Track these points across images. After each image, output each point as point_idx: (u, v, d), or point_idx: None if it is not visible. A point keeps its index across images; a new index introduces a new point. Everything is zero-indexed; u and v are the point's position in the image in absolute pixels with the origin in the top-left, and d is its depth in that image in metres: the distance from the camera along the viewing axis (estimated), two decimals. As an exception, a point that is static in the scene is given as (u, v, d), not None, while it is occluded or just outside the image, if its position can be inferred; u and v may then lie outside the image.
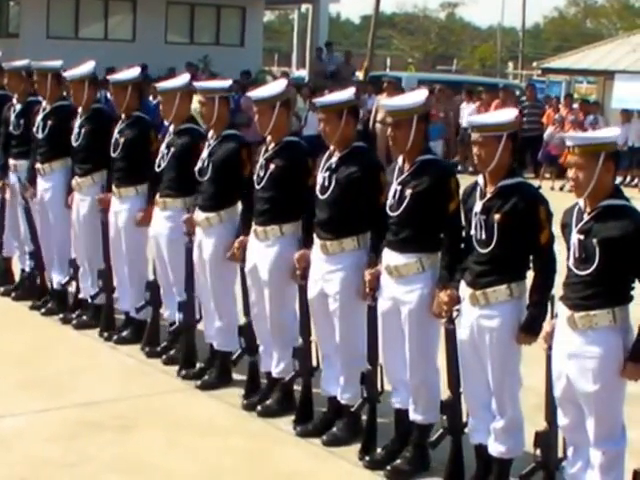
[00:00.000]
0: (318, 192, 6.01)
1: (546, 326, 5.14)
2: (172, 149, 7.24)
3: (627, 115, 20.65)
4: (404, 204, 5.58)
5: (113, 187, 7.84)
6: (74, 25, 27.62)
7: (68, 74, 8.15)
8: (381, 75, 24.67)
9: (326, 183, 5.97)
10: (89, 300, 8.20)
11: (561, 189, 18.41)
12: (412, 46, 59.52)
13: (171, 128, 7.39)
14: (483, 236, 5.23)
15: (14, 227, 9.06)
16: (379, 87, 20.69)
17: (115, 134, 7.77)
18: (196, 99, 7.22)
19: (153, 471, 5.68)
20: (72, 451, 5.86)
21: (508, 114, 5.39)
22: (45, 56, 9.86)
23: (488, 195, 5.26)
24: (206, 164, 6.84)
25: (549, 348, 5.08)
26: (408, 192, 5.57)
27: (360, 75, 26.69)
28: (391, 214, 5.64)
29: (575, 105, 21.91)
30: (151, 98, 17.41)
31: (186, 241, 7.04)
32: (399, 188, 5.63)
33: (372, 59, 28.51)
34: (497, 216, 5.17)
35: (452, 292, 5.42)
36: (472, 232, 5.31)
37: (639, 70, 22.39)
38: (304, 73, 28.42)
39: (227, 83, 7.21)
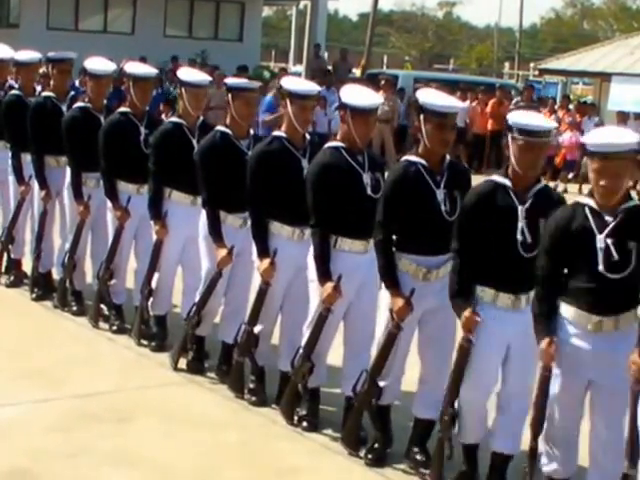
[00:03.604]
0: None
1: (547, 347, 4.88)
2: None
3: (623, 117, 20.69)
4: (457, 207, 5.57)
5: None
6: (74, 17, 27.70)
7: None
8: (378, 73, 24.70)
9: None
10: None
11: (554, 190, 18.43)
12: (409, 44, 59.57)
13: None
14: (530, 240, 5.14)
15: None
16: (376, 85, 20.70)
17: (144, 133, 7.69)
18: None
19: (150, 464, 5.68)
20: (70, 442, 5.87)
21: (553, 121, 5.38)
22: (45, 47, 9.89)
23: (529, 200, 5.17)
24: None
25: (548, 370, 4.93)
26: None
27: (357, 72, 26.75)
28: (448, 218, 5.56)
29: (571, 106, 21.97)
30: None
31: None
32: (445, 191, 5.58)
33: (369, 57, 28.55)
34: (543, 220, 5.03)
35: (472, 315, 5.25)
36: (517, 237, 5.14)
37: (636, 72, 22.44)
38: (301, 69, 28.42)
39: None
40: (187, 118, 7.41)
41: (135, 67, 8.15)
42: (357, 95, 6.04)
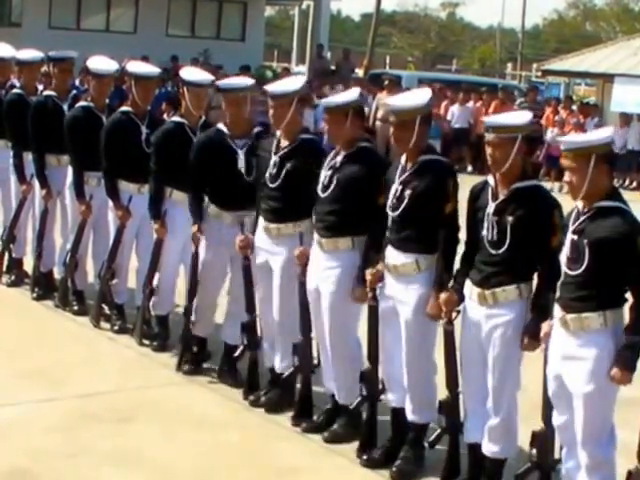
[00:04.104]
0: (320, 190, 6.02)
1: (545, 327, 5.13)
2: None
3: (626, 118, 20.68)
4: (403, 204, 5.57)
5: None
6: (76, 16, 27.70)
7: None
8: (381, 73, 24.68)
9: (326, 182, 5.97)
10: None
11: (560, 190, 18.39)
12: (412, 45, 59.47)
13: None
14: (495, 237, 5.22)
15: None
16: (379, 85, 20.69)
17: (145, 132, 7.65)
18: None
19: (150, 464, 5.68)
20: (71, 442, 5.86)
21: (523, 116, 5.37)
22: (47, 47, 9.88)
23: (501, 197, 5.24)
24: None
25: (547, 349, 5.09)
26: (408, 192, 5.56)
27: (360, 73, 26.74)
28: (391, 214, 5.64)
29: (574, 107, 21.94)
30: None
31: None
32: (400, 188, 5.62)
33: (372, 57, 28.55)
34: (511, 218, 5.16)
35: (451, 294, 5.44)
36: (484, 233, 5.27)
37: (639, 74, 22.40)
38: (304, 69, 28.42)
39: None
40: (189, 117, 7.40)
41: (137, 66, 8.15)
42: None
